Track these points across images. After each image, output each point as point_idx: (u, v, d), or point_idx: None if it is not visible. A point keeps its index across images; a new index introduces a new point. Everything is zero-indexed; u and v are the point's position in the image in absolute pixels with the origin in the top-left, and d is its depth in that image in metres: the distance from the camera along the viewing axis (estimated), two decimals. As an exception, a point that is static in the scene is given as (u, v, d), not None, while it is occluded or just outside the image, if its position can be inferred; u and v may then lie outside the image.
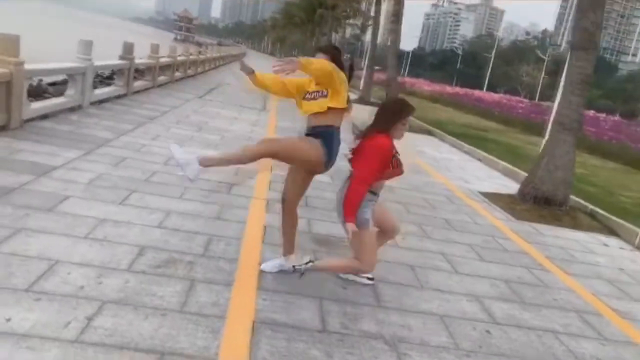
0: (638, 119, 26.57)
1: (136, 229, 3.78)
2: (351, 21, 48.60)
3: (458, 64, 78.97)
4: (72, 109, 7.93)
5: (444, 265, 4.29)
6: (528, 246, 5.29)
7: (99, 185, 4.62)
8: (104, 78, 15.61)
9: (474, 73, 68.50)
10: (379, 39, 33.14)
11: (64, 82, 10.37)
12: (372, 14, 26.35)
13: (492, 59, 54.86)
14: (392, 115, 3.18)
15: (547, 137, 6.93)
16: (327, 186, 6.24)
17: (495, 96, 28.84)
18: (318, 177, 6.48)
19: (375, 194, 3.27)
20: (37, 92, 10.31)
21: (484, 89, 49.03)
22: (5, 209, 3.68)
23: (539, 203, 6.65)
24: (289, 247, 3.56)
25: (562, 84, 7.05)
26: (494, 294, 3.88)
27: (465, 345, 3.03)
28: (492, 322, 3.42)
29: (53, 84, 12.74)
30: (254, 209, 4.86)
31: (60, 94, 8.67)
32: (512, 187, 7.99)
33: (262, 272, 3.47)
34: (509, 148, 12.84)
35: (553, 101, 11.41)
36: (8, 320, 2.41)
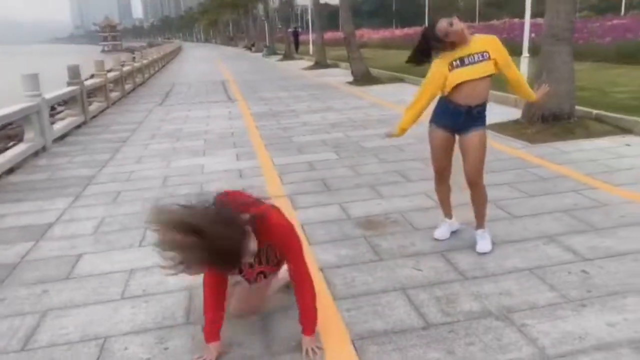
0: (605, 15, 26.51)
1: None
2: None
3: (394, 5, 77.88)
4: (36, 154, 7.26)
5: (500, 213, 3.99)
6: (561, 168, 5.06)
7: (107, 232, 4.13)
8: (51, 110, 14.62)
9: (412, 10, 67.64)
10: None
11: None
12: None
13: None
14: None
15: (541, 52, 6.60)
16: (335, 163, 5.88)
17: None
18: (324, 155, 6.22)
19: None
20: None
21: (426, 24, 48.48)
22: (18, 291, 3.18)
23: (547, 121, 6.42)
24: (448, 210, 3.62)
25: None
26: (564, 229, 3.62)
27: (574, 295, 2.76)
28: (582, 259, 3.16)
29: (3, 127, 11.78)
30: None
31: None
32: (510, 112, 7.72)
33: (327, 280, 3.10)
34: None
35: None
36: None
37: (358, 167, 5.60)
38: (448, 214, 3.64)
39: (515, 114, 7.35)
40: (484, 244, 3.38)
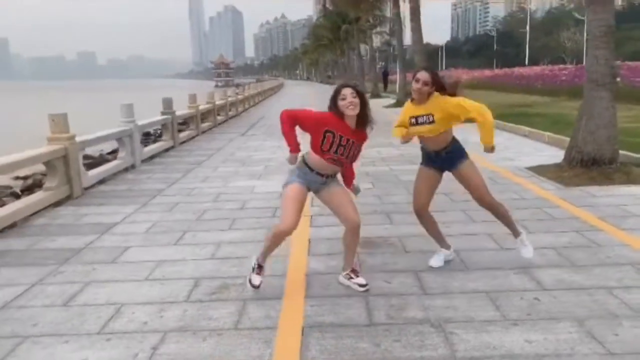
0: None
1: (191, 265, 4.09)
2: (379, 29, 48.77)
3: (495, 46, 76.83)
4: (126, 169, 8.58)
5: (490, 244, 4.31)
6: (578, 210, 5.17)
7: (155, 232, 5.02)
8: (156, 136, 16.65)
9: (512, 52, 66.37)
10: (409, 40, 33.08)
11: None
12: (392, 16, 26.48)
13: (528, 33, 53.10)
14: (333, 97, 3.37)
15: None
16: (368, 192, 6.39)
17: (537, 69, 27.86)
18: (361, 185, 6.72)
19: (314, 171, 3.42)
20: (99, 162, 11.20)
21: (526, 64, 47.42)
22: (75, 267, 4.11)
23: (587, 165, 6.45)
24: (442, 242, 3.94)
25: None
26: (542, 263, 3.86)
27: (512, 316, 3.07)
28: (541, 289, 3.42)
29: (113, 152, 13.79)
30: (301, 225, 5.07)
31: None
32: (560, 156, 7.75)
33: (308, 282, 3.66)
34: (555, 118, 12.42)
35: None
36: (85, 360, 2.73)
37: (385, 196, 6.09)
38: (443, 245, 3.96)
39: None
40: (525, 250, 3.78)
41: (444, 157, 3.68)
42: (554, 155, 8.07)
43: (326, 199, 3.53)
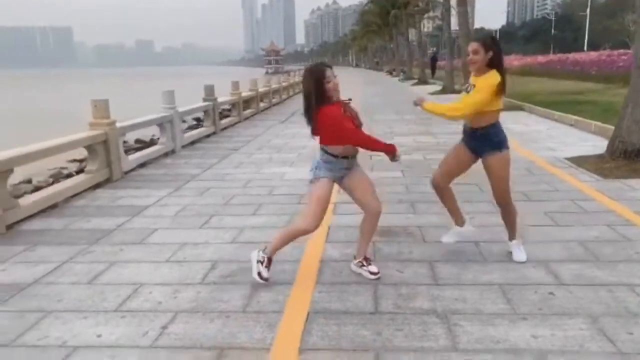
0: None
1: (212, 248, 4.22)
2: (432, 13, 47.71)
3: (552, 31, 73.30)
4: (166, 154, 8.87)
5: (512, 236, 4.18)
6: (614, 204, 4.92)
7: (183, 215, 5.18)
8: (199, 121, 17.12)
9: (571, 37, 63.14)
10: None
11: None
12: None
13: (589, 15, 50.25)
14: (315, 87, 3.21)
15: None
16: (396, 180, 6.34)
17: (593, 55, 26.30)
18: (390, 173, 6.71)
19: (338, 157, 3.33)
20: (149, 146, 11.62)
21: (585, 50, 45.05)
22: (104, 247, 4.32)
23: (630, 157, 6.12)
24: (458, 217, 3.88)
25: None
26: (564, 257, 3.72)
27: (522, 310, 2.99)
28: (558, 283, 3.31)
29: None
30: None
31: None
32: (604, 146, 7.38)
33: (321, 269, 3.69)
34: (605, 107, 11.78)
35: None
36: (99, 336, 2.88)
37: (413, 185, 6.02)
38: (458, 221, 3.90)
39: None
40: (518, 254, 3.70)
41: (479, 136, 3.55)
42: (598, 145, 7.68)
43: (350, 186, 3.48)
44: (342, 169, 3.41)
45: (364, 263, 3.55)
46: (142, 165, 7.93)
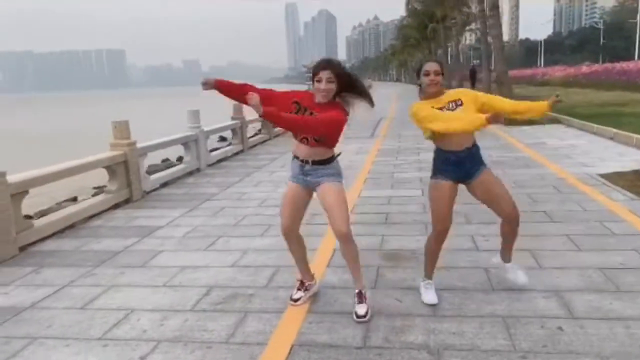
0: None
1: (211, 271, 4.12)
2: (473, 26, 47.06)
3: (601, 40, 70.62)
4: (190, 173, 8.93)
5: (527, 261, 3.88)
6: (646, 225, 4.53)
7: (191, 237, 5.13)
8: (224, 140, 17.35)
9: (621, 45, 60.54)
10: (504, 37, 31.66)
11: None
12: (476, 12, 25.35)
13: (639, 24, 47.97)
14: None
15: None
16: (412, 200, 6.11)
17: (642, 63, 25.16)
18: (410, 192, 6.47)
19: (294, 157, 3.30)
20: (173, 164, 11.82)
21: (636, 59, 43.05)
22: (107, 270, 4.30)
23: (671, 174, 5.65)
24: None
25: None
26: (580, 285, 3.41)
27: (524, 346, 2.72)
28: (569, 317, 3.01)
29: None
30: (329, 234, 4.94)
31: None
32: (643, 161, 6.91)
33: (316, 296, 3.52)
34: (652, 118, 11.11)
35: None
36: (78, 365, 2.83)
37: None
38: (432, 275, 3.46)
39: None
40: (521, 277, 3.42)
41: (473, 153, 3.27)
42: (638, 160, 7.19)
43: (320, 198, 3.22)
44: (298, 174, 3.26)
45: (356, 299, 3.24)
46: (165, 184, 8.01)
